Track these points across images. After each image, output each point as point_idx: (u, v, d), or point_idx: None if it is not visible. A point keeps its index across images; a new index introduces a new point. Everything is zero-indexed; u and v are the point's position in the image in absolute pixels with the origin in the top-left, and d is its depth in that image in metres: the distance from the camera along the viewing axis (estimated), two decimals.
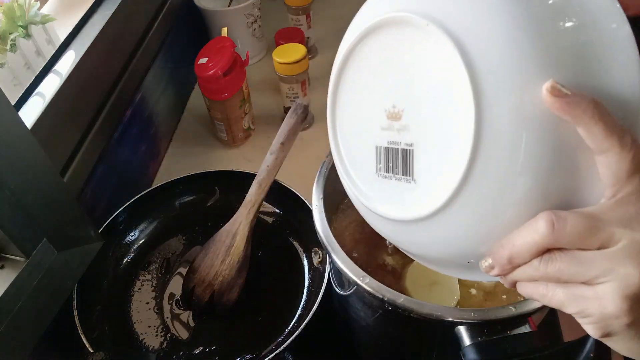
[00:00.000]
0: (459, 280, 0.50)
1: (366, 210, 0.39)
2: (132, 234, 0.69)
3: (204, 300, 0.61)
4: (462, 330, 0.39)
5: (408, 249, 0.40)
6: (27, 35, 0.67)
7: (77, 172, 0.64)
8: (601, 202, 0.29)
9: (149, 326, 0.62)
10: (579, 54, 0.28)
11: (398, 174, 0.34)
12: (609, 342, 0.30)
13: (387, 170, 0.35)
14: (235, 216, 0.64)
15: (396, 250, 0.53)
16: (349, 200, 0.58)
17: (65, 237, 0.56)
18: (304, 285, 0.64)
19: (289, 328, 0.60)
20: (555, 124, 0.28)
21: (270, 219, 0.71)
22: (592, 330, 0.29)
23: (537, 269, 0.29)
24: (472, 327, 0.39)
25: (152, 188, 0.70)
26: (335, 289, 0.53)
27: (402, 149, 0.33)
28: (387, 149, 0.35)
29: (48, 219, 0.53)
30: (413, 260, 0.51)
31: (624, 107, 0.28)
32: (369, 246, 0.54)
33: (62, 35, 0.69)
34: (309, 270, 0.65)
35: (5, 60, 0.64)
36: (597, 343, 0.34)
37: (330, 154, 0.52)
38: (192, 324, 0.62)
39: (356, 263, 0.43)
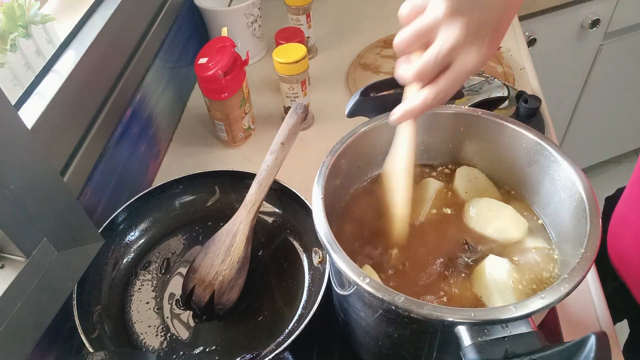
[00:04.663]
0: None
1: None
2: (132, 234, 0.69)
3: (204, 300, 0.61)
4: (462, 330, 0.39)
5: None
6: (27, 35, 0.67)
7: (77, 172, 0.64)
8: None
9: (149, 326, 0.62)
10: None
11: None
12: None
13: None
14: (235, 216, 0.64)
15: (397, 254, 0.53)
16: (349, 200, 0.58)
17: (65, 237, 0.56)
18: (304, 285, 0.64)
19: (289, 328, 0.60)
20: None
21: (270, 219, 0.71)
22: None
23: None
24: (472, 327, 0.39)
25: (152, 188, 0.70)
26: (335, 289, 0.53)
27: None
28: None
29: (48, 219, 0.53)
30: (415, 258, 0.51)
31: None
32: (369, 246, 0.54)
33: (62, 35, 0.69)
34: (309, 270, 0.65)
35: (5, 60, 0.64)
36: (598, 343, 0.34)
37: (330, 153, 0.52)
38: (192, 324, 0.62)
39: (356, 263, 0.43)
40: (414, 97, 0.41)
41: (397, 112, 0.43)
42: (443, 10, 0.39)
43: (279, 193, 0.69)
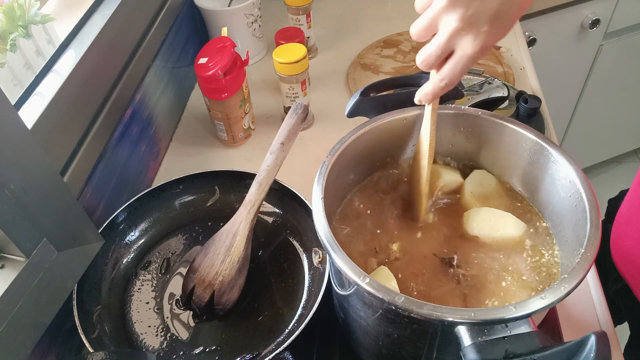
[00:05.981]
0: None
1: None
2: (132, 234, 0.69)
3: (204, 300, 0.61)
4: (462, 330, 0.39)
5: None
6: (27, 35, 0.67)
7: (77, 172, 0.64)
8: None
9: (149, 326, 0.62)
10: None
11: None
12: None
13: None
14: (235, 216, 0.64)
15: (396, 253, 0.53)
16: (350, 199, 0.58)
17: (65, 237, 0.56)
18: (304, 285, 0.64)
19: (289, 328, 0.60)
20: None
21: (270, 219, 0.71)
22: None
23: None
24: (472, 327, 0.39)
25: (152, 188, 0.70)
26: (335, 289, 0.53)
27: None
28: None
29: (48, 219, 0.53)
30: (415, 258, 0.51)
31: None
32: (370, 245, 0.54)
33: (62, 35, 0.69)
34: (309, 270, 0.65)
35: (5, 60, 0.64)
36: (598, 343, 0.34)
37: (330, 153, 0.52)
38: (192, 324, 0.62)
39: (356, 262, 0.43)
40: (427, 83, 0.48)
41: (417, 95, 0.51)
42: (444, 2, 0.43)
43: (279, 193, 0.69)
